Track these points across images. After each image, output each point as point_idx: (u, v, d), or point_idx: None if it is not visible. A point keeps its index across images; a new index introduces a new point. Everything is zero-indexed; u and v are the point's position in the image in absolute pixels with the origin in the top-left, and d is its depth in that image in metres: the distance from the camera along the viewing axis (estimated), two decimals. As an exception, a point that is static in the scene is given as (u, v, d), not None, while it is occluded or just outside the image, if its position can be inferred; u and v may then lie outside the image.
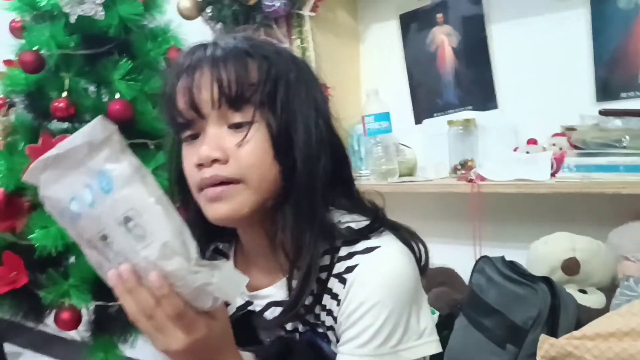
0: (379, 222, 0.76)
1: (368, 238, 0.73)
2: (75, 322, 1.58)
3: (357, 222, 0.76)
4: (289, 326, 0.78)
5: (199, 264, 0.58)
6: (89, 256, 0.62)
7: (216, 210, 0.70)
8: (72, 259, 1.62)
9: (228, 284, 0.59)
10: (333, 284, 0.73)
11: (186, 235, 0.58)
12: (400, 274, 0.71)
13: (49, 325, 1.68)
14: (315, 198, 0.73)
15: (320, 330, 0.76)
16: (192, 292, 0.59)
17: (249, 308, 0.81)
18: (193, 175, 0.72)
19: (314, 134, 0.73)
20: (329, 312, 0.74)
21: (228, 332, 0.68)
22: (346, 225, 0.75)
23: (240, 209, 0.70)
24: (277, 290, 0.77)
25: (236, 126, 0.71)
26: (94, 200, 0.57)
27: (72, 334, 1.69)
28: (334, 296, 0.73)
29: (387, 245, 0.73)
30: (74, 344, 1.87)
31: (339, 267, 0.73)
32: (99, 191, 0.57)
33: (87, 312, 1.67)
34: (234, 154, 0.70)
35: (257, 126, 0.71)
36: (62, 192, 0.59)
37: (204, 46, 0.74)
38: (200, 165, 0.70)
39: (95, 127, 0.58)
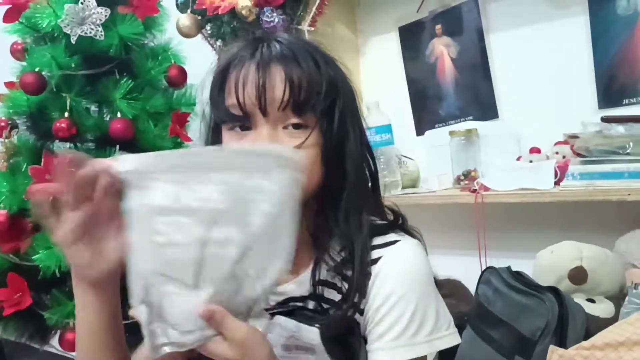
0: (398, 222, 0.82)
1: (386, 233, 0.78)
2: (80, 343, 1.57)
3: (374, 221, 0.81)
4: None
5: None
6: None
7: None
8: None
9: None
10: None
11: None
12: (422, 264, 0.76)
13: (55, 346, 1.67)
14: (364, 201, 0.78)
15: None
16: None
17: None
18: None
19: (361, 144, 0.79)
20: (355, 306, 0.76)
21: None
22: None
23: None
24: (297, 287, 0.79)
25: (293, 127, 0.73)
26: None
27: (78, 355, 1.68)
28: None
29: (406, 239, 0.78)
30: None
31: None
32: None
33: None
34: None
35: (314, 132, 0.74)
36: None
37: (267, 40, 0.76)
38: None
39: None
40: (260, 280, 0.62)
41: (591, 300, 1.36)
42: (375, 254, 0.76)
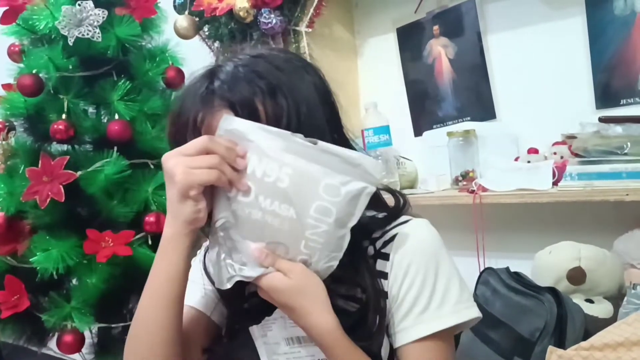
0: (400, 205, 0.83)
1: (396, 218, 0.80)
2: (78, 345, 1.56)
3: (377, 213, 0.82)
4: None
5: None
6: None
7: None
8: (74, 281, 1.61)
9: None
10: (378, 264, 0.77)
11: None
12: (436, 237, 0.78)
13: (52, 348, 1.67)
14: None
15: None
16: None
17: None
18: None
19: (336, 138, 0.78)
20: (384, 294, 0.77)
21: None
22: (370, 216, 0.81)
23: None
24: None
25: None
26: None
27: (76, 357, 1.68)
28: (383, 275, 0.76)
29: (416, 218, 0.80)
30: (77, 367, 1.85)
31: (377, 246, 0.78)
32: None
33: (90, 334, 1.66)
34: None
35: None
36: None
37: (210, 74, 0.76)
38: None
39: None
40: (314, 264, 0.70)
41: (590, 301, 1.36)
42: (388, 235, 0.77)
